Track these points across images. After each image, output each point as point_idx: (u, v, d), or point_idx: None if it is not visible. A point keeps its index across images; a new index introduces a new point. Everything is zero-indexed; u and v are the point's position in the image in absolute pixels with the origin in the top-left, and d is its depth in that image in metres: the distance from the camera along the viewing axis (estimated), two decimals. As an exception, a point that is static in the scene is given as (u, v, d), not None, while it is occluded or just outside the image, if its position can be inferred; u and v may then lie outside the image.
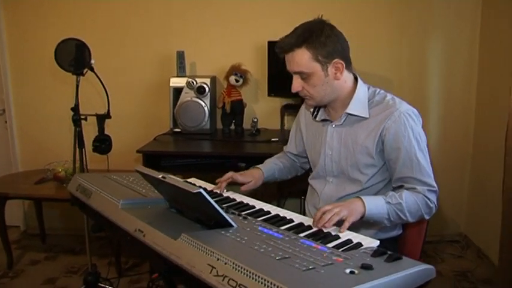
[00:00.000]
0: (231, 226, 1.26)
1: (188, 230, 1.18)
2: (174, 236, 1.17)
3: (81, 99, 2.43)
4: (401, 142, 1.57)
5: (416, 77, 3.21)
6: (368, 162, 1.63)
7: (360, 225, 1.54)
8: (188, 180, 1.90)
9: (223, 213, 1.24)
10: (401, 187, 1.60)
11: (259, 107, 3.27)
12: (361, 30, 3.09)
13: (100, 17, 3.24)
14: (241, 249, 1.10)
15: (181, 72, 3.09)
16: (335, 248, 1.18)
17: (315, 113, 1.77)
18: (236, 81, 3.07)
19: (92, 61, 2.35)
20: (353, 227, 1.39)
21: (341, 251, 1.16)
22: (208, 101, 2.99)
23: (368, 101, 1.64)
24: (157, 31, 3.23)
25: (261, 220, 1.41)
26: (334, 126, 1.70)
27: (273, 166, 1.93)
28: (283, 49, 1.57)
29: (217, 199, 1.67)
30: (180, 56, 3.08)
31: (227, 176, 1.78)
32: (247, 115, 3.17)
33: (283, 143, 2.76)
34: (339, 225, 1.38)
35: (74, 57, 2.33)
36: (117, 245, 2.83)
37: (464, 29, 3.14)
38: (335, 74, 1.59)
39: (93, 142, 2.46)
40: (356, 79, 1.68)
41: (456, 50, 3.17)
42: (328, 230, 1.36)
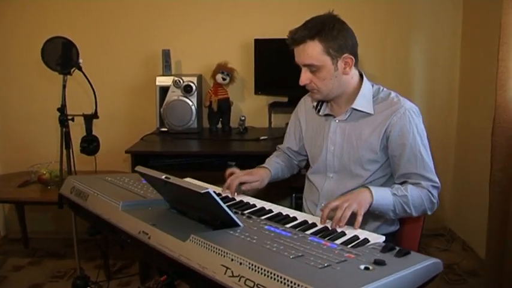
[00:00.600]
0: (238, 226, 1.25)
1: (194, 231, 1.16)
2: (183, 238, 1.15)
3: (67, 98, 2.38)
4: (406, 138, 1.59)
5: (400, 75, 3.25)
6: (371, 158, 1.64)
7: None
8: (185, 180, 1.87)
9: (230, 213, 1.23)
10: (404, 183, 1.61)
11: (246, 106, 3.26)
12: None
13: (85, 16, 3.18)
14: (253, 248, 1.09)
15: (167, 71, 3.05)
16: (344, 245, 1.18)
17: (318, 108, 1.77)
18: (223, 79, 3.05)
19: (80, 60, 2.30)
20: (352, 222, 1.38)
21: (350, 248, 1.16)
22: (195, 100, 2.97)
23: (373, 98, 1.66)
24: (142, 30, 3.19)
25: (266, 219, 1.40)
26: (337, 121, 1.71)
27: (277, 165, 1.90)
28: (295, 41, 1.57)
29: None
30: (166, 55, 3.04)
31: (233, 178, 1.71)
32: (234, 114, 3.16)
33: (272, 141, 2.78)
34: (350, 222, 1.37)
35: (61, 56, 2.28)
36: (105, 248, 2.78)
37: (446, 28, 3.19)
38: (344, 69, 1.60)
39: (80, 143, 2.42)
40: (361, 76, 1.69)
41: (439, 48, 3.22)
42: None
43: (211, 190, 1.15)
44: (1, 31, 3.22)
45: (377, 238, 1.27)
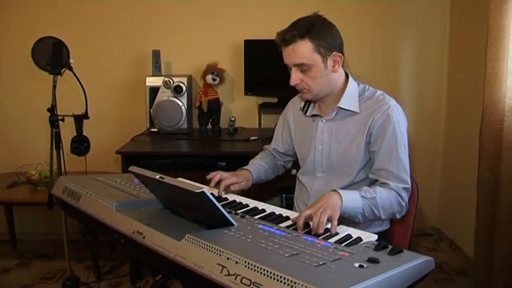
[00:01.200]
0: (232, 225, 1.26)
1: (189, 230, 1.17)
2: (178, 237, 1.15)
3: (57, 99, 2.36)
4: (385, 133, 1.61)
5: (388, 75, 3.28)
6: (358, 156, 1.66)
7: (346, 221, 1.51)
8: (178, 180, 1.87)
9: (225, 212, 1.24)
10: (375, 181, 1.63)
11: (235, 106, 3.27)
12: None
13: (76, 16, 3.16)
14: (249, 247, 1.10)
15: (157, 71, 3.05)
16: (337, 243, 1.20)
17: (305, 109, 1.79)
18: (213, 80, 3.05)
19: (71, 60, 2.28)
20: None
21: (344, 246, 1.18)
22: (185, 100, 2.97)
23: (359, 97, 1.69)
24: (132, 30, 3.18)
25: (259, 218, 1.41)
26: (324, 121, 1.73)
27: (259, 168, 1.91)
28: (285, 41, 1.58)
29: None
30: (156, 55, 3.04)
31: (217, 178, 1.75)
32: (224, 114, 3.16)
33: (262, 142, 2.78)
34: None
35: (51, 56, 2.26)
36: (95, 248, 2.76)
37: (434, 29, 3.23)
38: (333, 67, 1.62)
39: (71, 143, 2.40)
40: (347, 76, 1.71)
41: (427, 50, 3.26)
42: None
43: (206, 190, 1.16)
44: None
45: (370, 237, 1.29)
